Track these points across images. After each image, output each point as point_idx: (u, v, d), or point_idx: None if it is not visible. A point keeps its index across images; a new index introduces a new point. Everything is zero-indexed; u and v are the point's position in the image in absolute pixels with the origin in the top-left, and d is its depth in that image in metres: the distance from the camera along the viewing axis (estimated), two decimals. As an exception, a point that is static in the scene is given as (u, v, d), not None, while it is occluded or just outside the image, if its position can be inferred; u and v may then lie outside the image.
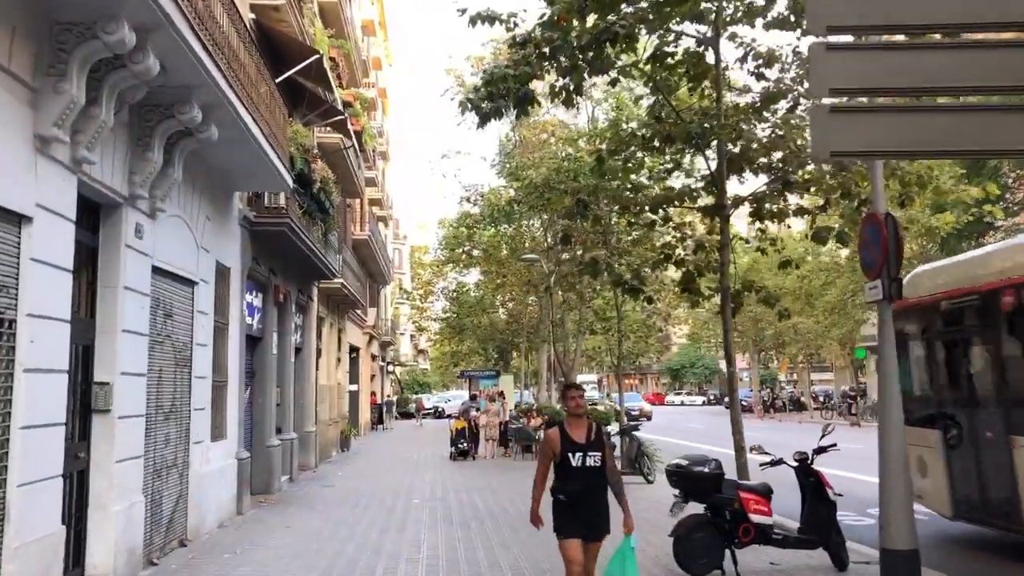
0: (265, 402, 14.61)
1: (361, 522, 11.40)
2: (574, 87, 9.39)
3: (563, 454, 5.49)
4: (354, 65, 24.05)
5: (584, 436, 5.54)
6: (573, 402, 5.67)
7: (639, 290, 12.18)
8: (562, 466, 5.51)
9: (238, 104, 8.47)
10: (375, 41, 36.29)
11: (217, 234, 11.06)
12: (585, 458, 5.46)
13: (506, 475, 17.55)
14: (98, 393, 7.44)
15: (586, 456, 5.47)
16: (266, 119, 10.30)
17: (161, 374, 9.06)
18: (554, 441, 5.56)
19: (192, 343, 10.07)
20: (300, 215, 14.16)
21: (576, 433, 5.55)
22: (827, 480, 7.97)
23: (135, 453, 8.01)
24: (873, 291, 7.27)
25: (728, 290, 10.67)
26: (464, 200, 27.95)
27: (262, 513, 12.34)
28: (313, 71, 14.35)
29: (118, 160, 7.56)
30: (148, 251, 8.34)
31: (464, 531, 10.62)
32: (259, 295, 14.40)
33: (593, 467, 5.48)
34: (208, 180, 10.47)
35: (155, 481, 8.87)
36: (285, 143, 11.97)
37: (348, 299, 23.58)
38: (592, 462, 5.48)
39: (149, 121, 7.86)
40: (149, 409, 8.59)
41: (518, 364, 40.28)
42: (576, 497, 5.47)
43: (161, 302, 9.05)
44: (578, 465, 5.45)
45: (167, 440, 9.28)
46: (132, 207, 7.92)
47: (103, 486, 7.44)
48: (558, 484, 5.54)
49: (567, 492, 5.49)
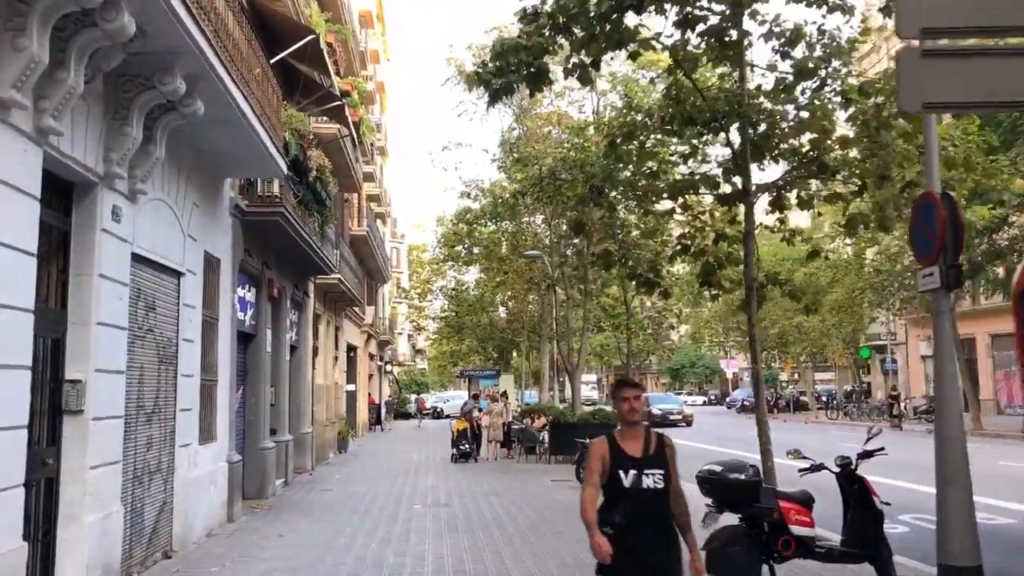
0: (258, 402, 13.87)
1: (360, 531, 10.67)
2: (591, 60, 8.66)
3: (613, 472, 4.20)
4: (351, 54, 23.32)
5: (640, 449, 4.25)
6: (626, 405, 4.27)
7: (655, 284, 11.46)
8: (611, 487, 4.23)
9: (225, 76, 7.74)
10: (372, 34, 35.54)
11: (206, 222, 10.33)
12: (641, 478, 4.17)
13: (511, 478, 16.82)
14: (69, 392, 6.71)
15: (642, 475, 4.17)
16: (258, 98, 9.58)
17: (143, 371, 8.33)
18: (603, 456, 4.24)
19: (178, 338, 9.33)
20: (295, 205, 13.43)
21: (630, 444, 4.26)
22: (873, 488, 7.26)
23: (112, 458, 7.27)
24: (928, 279, 6.57)
25: (754, 282, 9.95)
26: (464, 195, 27.27)
27: (255, 520, 11.61)
28: (309, 53, 13.62)
29: (92, 134, 6.82)
30: (127, 236, 7.60)
31: (471, 540, 9.90)
32: (252, 289, 13.66)
33: (653, 489, 4.17)
34: (195, 163, 9.74)
35: (136, 488, 8.13)
36: (279, 126, 11.24)
37: (346, 296, 22.84)
38: (651, 483, 4.18)
39: (127, 92, 7.13)
40: (129, 410, 7.85)
41: (518, 364, 39.58)
42: (628, 530, 4.15)
43: (143, 293, 8.31)
44: (632, 487, 4.17)
45: (149, 443, 8.54)
46: (109, 187, 7.18)
47: (75, 495, 6.70)
48: (605, 512, 4.22)
49: (617, 523, 4.16)
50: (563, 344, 22.82)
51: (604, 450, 4.25)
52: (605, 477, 4.21)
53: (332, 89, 15.97)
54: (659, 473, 4.21)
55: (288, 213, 12.63)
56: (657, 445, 4.31)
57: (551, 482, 15.88)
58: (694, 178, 10.50)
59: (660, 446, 4.32)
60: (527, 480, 16.38)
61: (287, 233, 13.18)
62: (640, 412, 4.32)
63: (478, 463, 20.59)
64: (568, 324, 22.78)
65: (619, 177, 11.16)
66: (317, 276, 18.77)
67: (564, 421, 19.75)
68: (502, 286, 31.93)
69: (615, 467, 4.20)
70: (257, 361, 13.96)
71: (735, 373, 67.97)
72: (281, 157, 10.91)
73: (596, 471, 4.24)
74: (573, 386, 21.70)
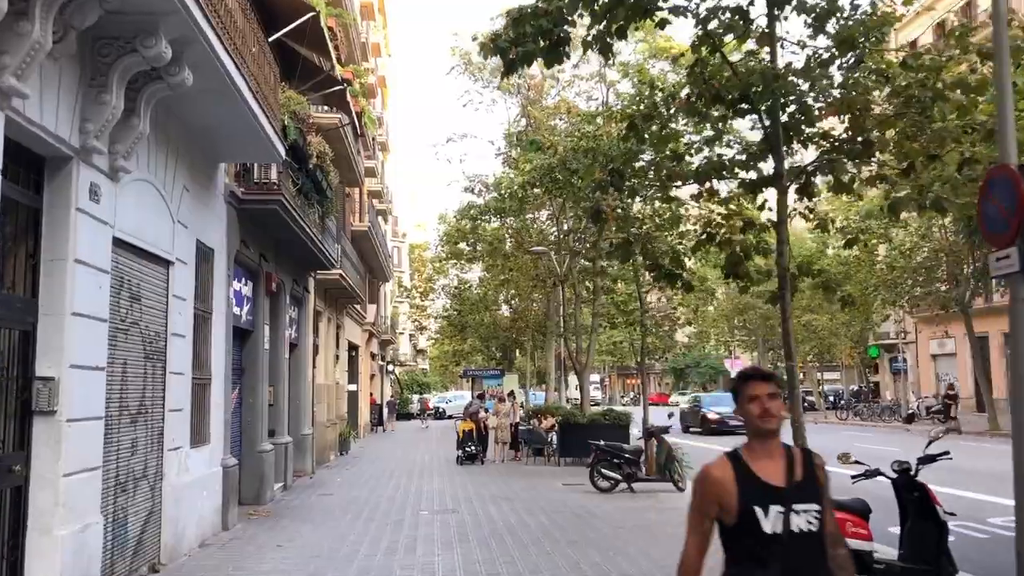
0: (256, 402, 13.15)
1: (364, 539, 9.95)
2: (616, 28, 7.94)
3: (745, 509, 2.80)
4: (352, 44, 22.60)
5: (783, 473, 2.86)
6: (757, 406, 2.87)
7: (677, 275, 10.72)
8: (743, 533, 2.81)
9: (216, 42, 7.02)
10: (374, 26, 34.83)
11: (198, 209, 9.61)
12: (790, 517, 2.78)
13: (521, 481, 16.09)
14: (40, 390, 5.98)
15: (791, 513, 2.78)
16: (254, 74, 8.86)
17: (127, 368, 7.60)
18: (724, 487, 2.84)
19: (167, 333, 8.61)
20: (294, 194, 12.69)
21: (766, 467, 2.86)
22: (935, 496, 6.54)
23: (90, 464, 6.54)
24: (1004, 263, 5.84)
25: (787, 272, 9.21)
26: (468, 191, 26.56)
27: (252, 528, 10.89)
28: (308, 34, 12.91)
29: (65, 101, 6.10)
30: (108, 219, 6.88)
31: (484, 551, 9.17)
32: (249, 283, 12.94)
33: (807, 533, 2.79)
34: (186, 143, 9.02)
35: (119, 496, 7.41)
36: (277, 108, 10.52)
37: (347, 293, 22.11)
38: (804, 525, 2.79)
39: (105, 56, 6.40)
40: (111, 410, 7.13)
41: (521, 363, 38.87)
42: None
43: (127, 282, 7.59)
44: (777, 532, 2.76)
45: (134, 447, 7.81)
46: (86, 162, 6.45)
47: (46, 505, 5.97)
48: (736, 570, 2.86)
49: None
50: (571, 342, 22.09)
51: (728, 477, 2.84)
52: (732, 517, 2.80)
53: (333, 72, 15.24)
54: (813, 510, 2.81)
55: (287, 201, 11.90)
56: (805, 466, 2.90)
57: (562, 486, 15.17)
58: (722, 160, 9.77)
59: (810, 467, 2.91)
60: (537, 484, 15.66)
61: (286, 223, 12.46)
62: (779, 418, 2.89)
63: (484, 465, 19.87)
64: (576, 321, 22.04)
65: (640, 160, 10.43)
66: (317, 271, 18.05)
67: (574, 422, 19.04)
68: (506, 284, 31.24)
69: (748, 502, 2.79)
70: (254, 359, 13.25)
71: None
72: (279, 140, 10.19)
73: (710, 512, 2.85)
74: (582, 385, 20.98)
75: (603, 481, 14.17)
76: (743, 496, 2.81)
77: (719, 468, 2.89)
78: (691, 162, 10.57)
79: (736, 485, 2.83)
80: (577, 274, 22.43)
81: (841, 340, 43.44)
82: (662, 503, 12.88)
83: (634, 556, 8.63)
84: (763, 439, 2.90)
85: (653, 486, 14.41)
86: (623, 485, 14.13)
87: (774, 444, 2.91)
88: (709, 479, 2.88)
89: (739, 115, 10.01)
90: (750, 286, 10.28)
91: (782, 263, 9.24)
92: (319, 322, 20.25)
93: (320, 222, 15.29)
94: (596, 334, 21.62)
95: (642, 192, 10.96)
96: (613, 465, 14.25)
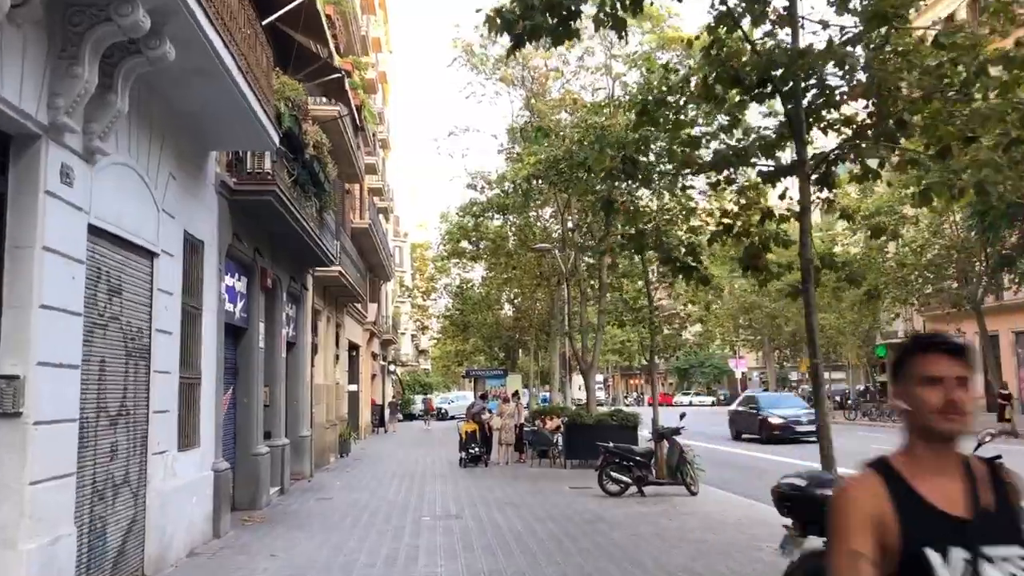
0: (251, 403, 12.61)
1: (362, 548, 9.39)
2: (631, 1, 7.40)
3: (909, 551, 1.85)
4: (352, 35, 22.06)
5: (963, 498, 1.93)
6: (939, 395, 1.91)
7: (693, 269, 10.20)
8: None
9: (199, 12, 6.48)
10: (375, 21, 34.29)
11: (186, 198, 9.07)
12: (979, 566, 1.83)
13: (526, 485, 15.54)
14: (3, 390, 5.45)
15: (979, 559, 1.84)
16: (244, 55, 8.32)
17: (105, 366, 7.06)
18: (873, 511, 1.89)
19: (151, 329, 8.07)
20: (289, 185, 12.15)
21: (939, 489, 1.93)
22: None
23: (61, 470, 6.00)
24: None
25: (811, 264, 8.68)
26: (471, 187, 26.06)
27: (244, 535, 10.34)
28: (305, 19, 12.38)
29: (31, 73, 5.56)
30: (82, 204, 6.34)
31: (490, 560, 8.62)
32: (243, 279, 12.40)
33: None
34: (171, 127, 8.48)
35: (96, 505, 6.87)
36: (270, 92, 9.99)
37: (347, 291, 21.57)
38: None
39: (77, 25, 5.86)
40: (87, 412, 6.60)
41: (524, 363, 38.32)
42: None
43: (104, 274, 7.05)
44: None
45: (114, 451, 7.27)
46: (56, 141, 5.92)
47: (9, 517, 5.43)
48: None
49: None
50: (576, 341, 21.55)
51: (879, 497, 1.91)
52: (893, 564, 1.86)
53: (331, 60, 14.69)
54: (1016, 556, 1.86)
55: (282, 192, 11.36)
56: (999, 487, 1.97)
57: (569, 489, 14.62)
58: (741, 146, 9.23)
59: (1005, 489, 1.98)
60: (543, 487, 15.10)
61: (281, 215, 11.92)
62: (970, 417, 1.93)
63: (488, 467, 19.32)
64: (582, 319, 21.50)
65: (653, 147, 9.90)
66: (316, 268, 17.51)
67: (580, 422, 18.48)
68: (509, 282, 30.71)
69: (915, 541, 1.86)
70: (249, 358, 12.70)
71: (744, 373, 66.61)
72: (272, 126, 9.65)
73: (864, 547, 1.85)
74: (588, 385, 20.42)
75: (612, 485, 13.62)
76: (907, 532, 1.85)
77: (865, 487, 1.92)
78: (706, 151, 10.06)
79: (895, 511, 1.86)
80: (583, 271, 21.88)
81: (848, 339, 42.83)
82: (676, 508, 12.32)
83: (649, 567, 8.08)
84: (937, 445, 1.95)
85: (665, 489, 13.86)
86: (633, 489, 13.58)
87: (951, 454, 1.97)
88: (852, 499, 1.90)
89: (758, 100, 9.50)
90: (769, 280, 9.73)
91: (805, 254, 8.70)
92: (318, 321, 19.71)
93: (318, 216, 14.75)
94: (602, 332, 21.04)
95: (656, 180, 10.40)
96: (622, 468, 13.70)
